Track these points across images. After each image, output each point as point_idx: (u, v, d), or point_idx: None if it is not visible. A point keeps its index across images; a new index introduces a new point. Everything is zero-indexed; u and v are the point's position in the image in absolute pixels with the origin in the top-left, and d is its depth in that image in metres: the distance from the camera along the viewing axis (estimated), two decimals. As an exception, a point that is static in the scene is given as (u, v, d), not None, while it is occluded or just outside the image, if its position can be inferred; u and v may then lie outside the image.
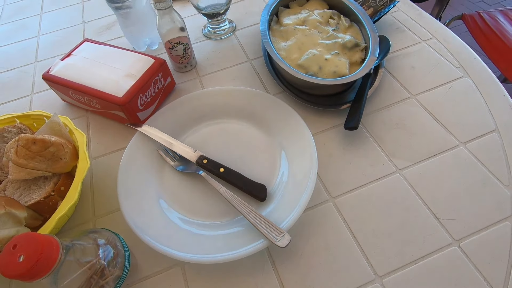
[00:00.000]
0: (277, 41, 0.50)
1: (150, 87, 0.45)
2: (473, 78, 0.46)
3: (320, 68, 0.45)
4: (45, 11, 0.71)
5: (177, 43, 0.48)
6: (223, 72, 0.52)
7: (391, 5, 0.52)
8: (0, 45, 0.64)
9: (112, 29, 0.63)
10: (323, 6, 0.55)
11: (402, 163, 0.38)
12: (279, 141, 0.41)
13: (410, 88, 0.46)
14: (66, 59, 0.48)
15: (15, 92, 0.54)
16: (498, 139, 0.39)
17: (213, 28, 0.59)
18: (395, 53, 0.51)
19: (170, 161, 0.41)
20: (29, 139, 0.33)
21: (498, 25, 0.98)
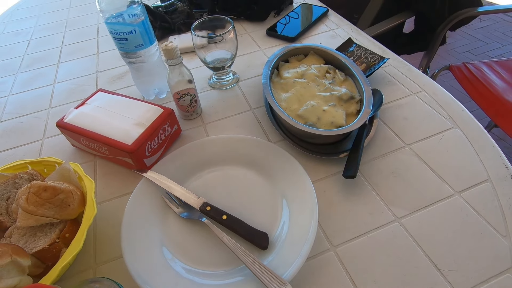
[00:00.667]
0: (278, 92, 0.54)
1: (158, 135, 0.47)
2: (462, 129, 0.49)
3: (318, 119, 0.48)
4: (62, 61, 0.76)
5: (185, 94, 0.52)
6: (227, 120, 0.55)
7: (382, 62, 0.57)
8: (16, 92, 0.68)
9: (123, 79, 0.68)
10: (320, 61, 0.59)
11: (400, 212, 0.39)
12: (281, 189, 0.43)
13: (404, 138, 0.48)
14: (80, 108, 0.51)
15: (27, 137, 0.57)
16: (492, 188, 0.40)
17: (218, 79, 0.63)
18: (388, 105, 0.54)
19: (174, 207, 0.42)
20: (40, 186, 0.35)
21: (484, 76, 1.05)
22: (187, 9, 0.84)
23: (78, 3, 1.04)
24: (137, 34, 0.51)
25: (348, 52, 0.62)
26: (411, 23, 1.14)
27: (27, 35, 0.89)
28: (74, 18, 0.95)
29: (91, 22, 0.91)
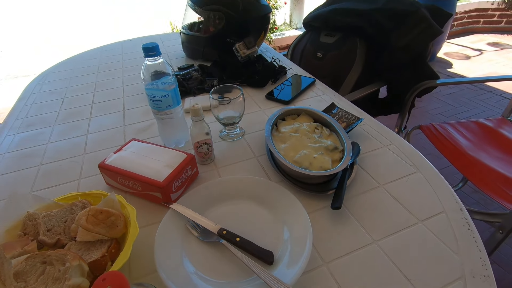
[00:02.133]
0: (277, 143, 0.67)
1: (182, 175, 0.59)
2: (423, 173, 0.62)
3: (310, 164, 0.61)
4: (93, 116, 0.90)
5: (203, 144, 0.65)
6: (235, 165, 0.68)
7: (358, 121, 0.73)
8: (54, 140, 0.80)
9: (147, 131, 0.81)
10: (310, 120, 0.75)
11: (377, 236, 0.50)
12: (282, 218, 0.53)
13: (378, 179, 0.61)
14: (118, 153, 0.63)
15: (65, 177, 0.67)
16: (446, 218, 0.52)
17: (228, 133, 0.77)
18: (365, 154, 0.68)
19: (195, 233, 0.51)
20: (97, 210, 0.45)
21: (449, 134, 1.23)
22: (200, 76, 1.02)
23: (105, 69, 1.22)
24: (169, 98, 0.66)
25: (332, 113, 0.78)
26: (385, 89, 1.36)
27: (61, 94, 1.05)
28: (102, 81, 1.13)
29: (117, 85, 1.08)
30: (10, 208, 0.48)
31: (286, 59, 1.21)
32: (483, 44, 3.53)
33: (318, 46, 1.25)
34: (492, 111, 2.30)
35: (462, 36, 3.79)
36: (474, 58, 3.22)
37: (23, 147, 0.78)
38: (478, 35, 3.80)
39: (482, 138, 1.22)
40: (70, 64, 1.30)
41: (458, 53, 3.34)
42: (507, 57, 3.17)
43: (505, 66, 3.00)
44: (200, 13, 1.09)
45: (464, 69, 2.99)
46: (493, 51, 3.33)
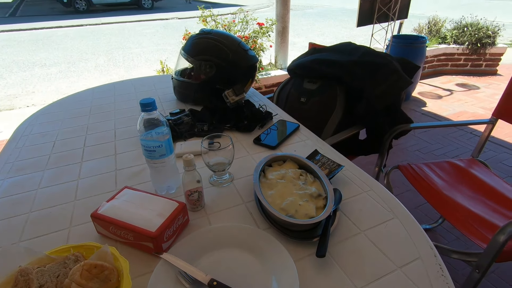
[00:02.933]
0: (265, 190, 0.71)
1: (174, 224, 0.61)
2: (400, 219, 0.67)
3: (296, 211, 0.65)
4: (85, 160, 0.92)
5: (195, 192, 0.68)
6: (225, 211, 0.70)
7: (339, 168, 0.79)
8: (45, 186, 0.81)
9: (139, 176, 0.84)
10: (295, 166, 0.80)
11: (360, 283, 0.53)
12: (270, 266, 0.56)
13: (359, 226, 0.65)
14: (110, 201, 0.65)
15: (56, 226, 0.67)
16: (421, 263, 0.56)
17: (217, 178, 0.81)
18: (346, 200, 0.73)
19: (186, 284, 0.53)
20: (92, 264, 0.46)
21: (425, 174, 1.31)
22: (191, 121, 1.08)
23: (97, 111, 1.26)
24: (163, 148, 0.70)
25: (315, 160, 0.84)
26: (364, 132, 1.45)
27: (52, 137, 1.07)
28: (94, 123, 1.16)
29: (109, 128, 1.12)
30: (1, 262, 0.49)
31: (271, 103, 1.30)
32: (452, 85, 3.83)
33: (301, 91, 1.35)
34: (464, 148, 2.46)
35: (433, 77, 4.11)
36: (445, 97, 3.47)
37: (12, 193, 0.78)
38: (448, 76, 4.13)
39: (455, 177, 1.31)
40: (62, 105, 1.33)
41: (431, 93, 3.60)
42: (474, 97, 3.44)
43: (473, 105, 3.24)
44: (192, 62, 1.17)
45: (437, 108, 3.21)
46: (461, 91, 3.61)
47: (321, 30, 7.99)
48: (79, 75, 4.78)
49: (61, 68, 5.13)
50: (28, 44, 6.90)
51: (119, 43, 6.92)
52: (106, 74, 4.82)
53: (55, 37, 7.70)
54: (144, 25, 9.29)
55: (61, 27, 8.98)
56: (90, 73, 4.87)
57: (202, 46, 1.16)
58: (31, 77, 4.71)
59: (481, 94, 3.53)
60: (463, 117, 3.00)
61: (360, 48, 1.31)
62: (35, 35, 7.91)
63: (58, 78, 4.67)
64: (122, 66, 5.19)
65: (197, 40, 1.18)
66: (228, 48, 1.15)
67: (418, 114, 3.10)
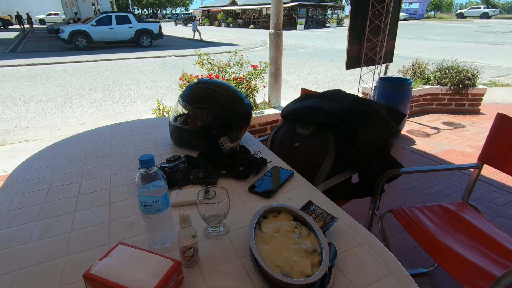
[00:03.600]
0: (260, 245, 0.71)
1: (168, 284, 0.60)
2: (394, 275, 0.67)
3: (291, 268, 0.64)
4: (78, 209, 0.91)
5: (190, 248, 0.68)
6: (220, 267, 0.70)
7: (334, 221, 0.80)
8: (36, 239, 0.79)
9: (133, 227, 0.83)
10: (290, 218, 0.81)
11: None
12: (266, 332, 0.54)
13: (355, 283, 0.65)
14: (104, 260, 0.64)
15: (45, 285, 0.65)
16: (419, 327, 0.55)
17: (213, 230, 0.80)
18: (341, 255, 0.73)
19: None
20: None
21: (418, 218, 1.33)
22: (186, 168, 1.09)
23: (93, 155, 1.27)
24: (159, 203, 0.71)
25: (309, 211, 0.85)
26: (357, 175, 1.48)
27: (46, 184, 1.06)
28: (90, 169, 1.16)
29: (104, 174, 1.12)
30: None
31: (265, 148, 1.33)
32: (439, 123, 3.98)
33: (294, 136, 1.40)
34: (455, 186, 2.50)
35: (420, 115, 4.28)
36: (433, 135, 3.59)
37: (1, 248, 0.76)
38: (434, 114, 4.31)
39: (447, 222, 1.32)
40: (59, 148, 1.34)
41: (419, 131, 3.73)
42: (461, 135, 3.57)
43: (460, 143, 3.35)
44: (189, 110, 1.22)
45: (425, 146, 3.30)
46: (448, 130, 3.75)
47: (312, 69, 8.38)
48: (74, 111, 4.84)
49: (57, 103, 5.19)
50: (26, 79, 7.03)
51: (116, 79, 7.11)
52: (102, 109, 4.89)
53: (54, 72, 7.88)
54: (142, 62, 9.63)
55: (60, 63, 9.24)
56: (86, 109, 4.93)
57: (199, 95, 1.22)
58: (26, 112, 4.74)
59: (467, 132, 3.67)
60: (451, 155, 3.09)
61: (349, 97, 1.38)
62: (34, 71, 8.09)
63: (53, 113, 4.71)
64: (119, 102, 5.29)
65: (194, 89, 1.24)
66: (224, 96, 1.21)
67: (408, 152, 3.18)
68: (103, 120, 4.44)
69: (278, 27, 3.09)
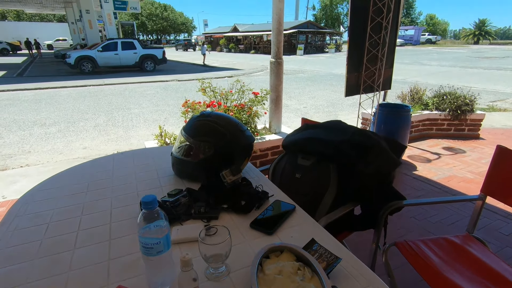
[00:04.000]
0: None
1: (167, 334, 0.58)
2: (402, 323, 0.64)
3: (295, 316, 0.62)
4: (77, 247, 0.90)
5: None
6: (221, 313, 0.68)
7: (337, 261, 0.78)
8: (32, 280, 0.78)
9: (133, 267, 0.81)
10: (293, 258, 0.79)
11: None
12: None
13: (361, 332, 0.63)
14: (102, 306, 0.62)
15: (40, 332, 0.63)
16: None
17: (213, 271, 0.79)
18: (346, 299, 0.71)
19: None
20: None
21: (422, 252, 1.30)
22: (188, 202, 1.09)
23: (94, 187, 1.27)
24: (161, 244, 0.70)
25: (312, 250, 0.84)
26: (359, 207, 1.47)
27: (46, 218, 1.05)
28: (90, 202, 1.16)
29: (105, 207, 1.12)
30: None
31: (267, 180, 1.33)
32: (439, 148, 3.99)
33: (296, 167, 1.40)
34: (459, 214, 2.46)
35: (420, 140, 4.30)
36: (434, 161, 3.59)
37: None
38: (434, 140, 4.33)
39: (452, 256, 1.29)
40: (60, 180, 1.34)
41: (420, 156, 3.73)
42: (462, 161, 3.57)
43: (461, 169, 3.34)
44: (192, 142, 1.23)
45: (426, 172, 3.29)
46: (448, 155, 3.75)
47: (312, 93, 8.55)
48: (77, 135, 4.88)
49: (60, 127, 5.25)
50: (31, 104, 7.16)
51: (119, 103, 7.23)
52: (104, 134, 4.93)
53: (58, 97, 8.04)
54: (145, 86, 9.85)
55: (65, 87, 9.45)
56: (88, 133, 4.98)
57: (202, 128, 1.24)
58: (29, 136, 4.79)
59: (468, 158, 3.67)
60: (452, 181, 3.07)
61: (349, 128, 1.40)
62: (39, 95, 8.26)
63: (56, 137, 4.76)
64: (121, 126, 5.35)
65: (197, 122, 1.26)
66: (226, 129, 1.23)
67: (409, 178, 3.16)
68: (105, 144, 4.47)
69: (278, 56, 3.19)
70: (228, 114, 1.31)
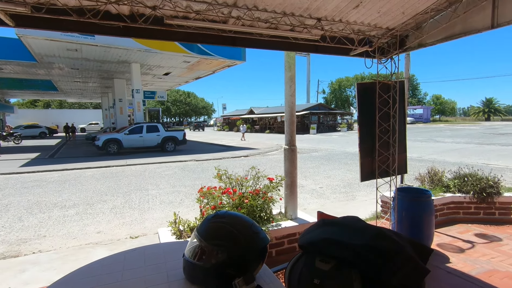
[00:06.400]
0: None
1: None
2: None
3: None
4: None
5: None
6: None
7: None
8: None
9: None
10: None
11: None
12: None
13: None
14: None
15: None
16: None
17: None
18: None
19: None
20: None
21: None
22: (197, 318, 1.00)
23: (101, 294, 1.21)
24: None
25: None
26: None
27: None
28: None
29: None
30: None
31: (283, 286, 1.23)
32: (471, 235, 3.67)
33: (314, 272, 1.30)
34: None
35: (448, 225, 4.01)
36: (467, 251, 3.27)
37: None
38: (463, 224, 4.02)
39: None
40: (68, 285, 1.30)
41: (450, 245, 3.42)
42: (500, 251, 3.22)
43: (501, 261, 3.00)
44: (205, 246, 1.20)
45: (461, 264, 2.96)
46: (483, 244, 3.42)
47: (327, 172, 8.55)
48: (94, 218, 4.91)
49: (78, 210, 5.34)
50: (56, 185, 7.49)
51: (138, 184, 7.44)
52: (120, 217, 4.94)
53: (83, 177, 8.42)
54: (165, 166, 10.25)
55: (90, 168, 9.97)
56: (104, 215, 5.01)
57: (216, 231, 1.22)
58: (48, 219, 4.85)
59: (506, 247, 3.32)
60: (494, 277, 2.72)
61: (369, 228, 1.35)
62: (65, 176, 8.70)
63: (73, 220, 4.80)
64: (137, 208, 5.38)
65: (211, 224, 1.25)
66: (240, 233, 1.21)
67: (444, 273, 2.83)
68: (119, 228, 4.43)
69: (292, 143, 3.33)
70: (242, 215, 1.31)
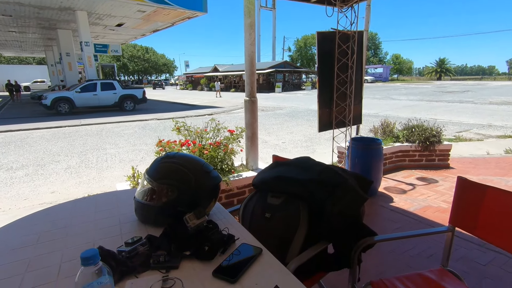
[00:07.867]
0: None
1: None
2: None
3: None
4: (13, 312, 0.79)
5: None
6: None
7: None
8: None
9: (73, 334, 0.72)
10: (254, 310, 0.73)
11: None
12: None
13: None
14: None
15: None
16: None
17: (166, 332, 0.71)
18: None
19: None
20: None
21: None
22: (146, 251, 1.01)
23: (45, 239, 1.16)
24: (102, 306, 0.62)
25: (276, 300, 0.78)
26: (332, 244, 1.43)
27: (-17, 278, 0.94)
28: (38, 256, 1.05)
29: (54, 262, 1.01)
30: None
31: (235, 221, 1.28)
32: (413, 179, 4.10)
33: (265, 206, 1.36)
34: (437, 246, 2.45)
35: (395, 171, 4.42)
36: (409, 192, 3.66)
37: None
38: (407, 170, 4.45)
39: (429, 293, 1.25)
40: (9, 232, 1.22)
41: (395, 187, 3.80)
42: (435, 191, 3.65)
43: (435, 199, 3.41)
44: (155, 185, 1.18)
45: (403, 203, 3.33)
46: (422, 185, 3.85)
47: (290, 129, 8.75)
48: (46, 178, 4.63)
49: (28, 171, 4.98)
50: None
51: (95, 144, 7.05)
52: (76, 176, 4.72)
53: (30, 139, 7.75)
54: (124, 126, 9.74)
55: (38, 128, 9.16)
56: (58, 176, 4.74)
57: (165, 170, 1.20)
58: (-8, 182, 4.48)
59: (441, 187, 3.77)
60: (428, 212, 3.11)
61: (318, 165, 1.41)
62: (9, 137, 7.93)
63: (22, 181, 4.49)
64: (95, 168, 5.15)
65: (161, 164, 1.22)
66: (190, 171, 1.20)
67: (387, 211, 3.17)
68: (75, 187, 4.25)
69: (252, 94, 3.28)
70: (193, 155, 1.29)
